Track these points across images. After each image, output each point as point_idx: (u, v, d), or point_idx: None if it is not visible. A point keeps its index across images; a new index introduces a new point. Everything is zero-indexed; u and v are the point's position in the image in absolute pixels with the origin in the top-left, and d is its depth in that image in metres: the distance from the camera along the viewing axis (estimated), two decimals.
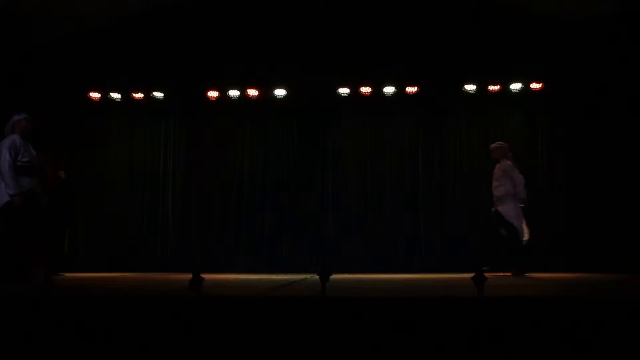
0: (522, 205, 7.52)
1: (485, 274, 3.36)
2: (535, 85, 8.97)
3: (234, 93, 9.34)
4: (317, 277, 3.44)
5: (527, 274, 7.17)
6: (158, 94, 9.46)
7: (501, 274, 7.27)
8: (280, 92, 9.28)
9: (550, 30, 8.56)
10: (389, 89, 9.11)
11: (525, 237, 7.45)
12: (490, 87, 9.04)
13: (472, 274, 3.38)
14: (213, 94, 9.38)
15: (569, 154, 9.01)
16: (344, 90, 9.17)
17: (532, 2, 8.12)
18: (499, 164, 7.62)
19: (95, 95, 9.45)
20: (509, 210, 7.42)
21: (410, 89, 9.07)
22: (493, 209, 7.62)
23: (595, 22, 7.96)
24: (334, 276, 3.68)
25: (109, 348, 3.14)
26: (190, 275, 3.32)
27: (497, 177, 7.53)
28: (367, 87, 9.12)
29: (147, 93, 9.46)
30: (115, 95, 9.49)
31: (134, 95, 9.48)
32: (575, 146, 8.95)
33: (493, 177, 7.63)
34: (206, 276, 3.55)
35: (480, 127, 9.33)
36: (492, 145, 7.75)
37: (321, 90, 9.29)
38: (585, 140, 8.81)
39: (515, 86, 9.00)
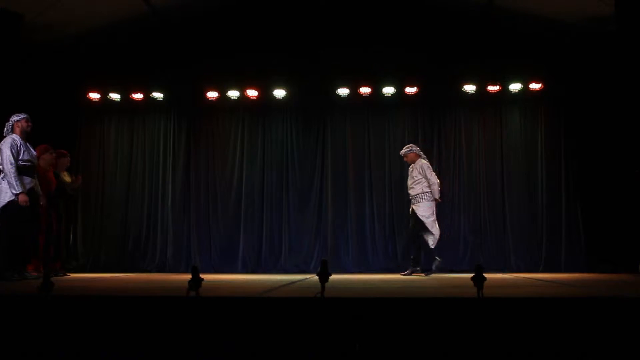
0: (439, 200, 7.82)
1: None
2: (534, 86, 8.96)
3: (233, 93, 9.33)
4: (317, 277, 3.44)
5: (435, 273, 7.47)
6: (157, 94, 9.45)
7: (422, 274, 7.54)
8: (279, 93, 9.27)
9: (550, 30, 8.56)
10: (388, 90, 9.09)
11: (436, 236, 7.69)
12: (490, 88, 9.03)
13: (471, 274, 3.37)
14: (212, 94, 9.37)
15: (569, 154, 9.00)
16: (343, 91, 9.16)
17: (531, 3, 8.12)
18: (414, 164, 7.88)
19: (94, 95, 9.44)
20: (423, 209, 7.67)
21: (410, 90, 9.06)
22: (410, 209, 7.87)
23: (594, 23, 7.96)
24: (333, 277, 3.68)
25: (108, 348, 3.14)
26: (189, 276, 3.32)
27: (413, 176, 7.82)
28: (367, 88, 9.11)
29: (147, 93, 9.45)
30: (115, 96, 9.48)
31: (133, 95, 9.47)
32: (575, 146, 8.94)
33: (409, 175, 7.92)
34: (205, 277, 3.55)
35: (480, 127, 9.32)
36: (403, 151, 8.01)
37: (321, 90, 9.28)
38: (584, 140, 8.80)
39: (515, 86, 8.99)
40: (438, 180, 7.85)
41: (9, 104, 7.10)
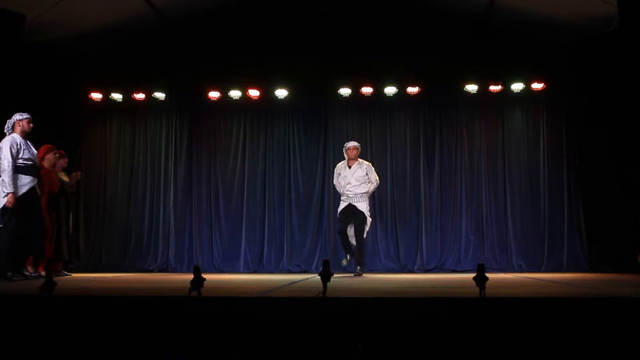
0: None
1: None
2: (536, 86, 8.95)
3: (235, 93, 9.33)
4: (319, 277, 3.44)
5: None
6: (159, 94, 9.45)
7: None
8: (281, 93, 9.27)
9: (552, 30, 8.54)
10: (390, 89, 9.09)
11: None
12: (492, 88, 9.01)
13: (473, 274, 3.37)
14: (214, 94, 9.37)
15: (571, 154, 8.99)
16: (345, 91, 9.16)
17: (533, 3, 8.10)
18: (358, 163, 7.82)
19: (96, 95, 9.45)
20: (365, 207, 7.71)
21: (412, 89, 9.06)
22: (345, 207, 7.76)
23: (597, 22, 7.95)
24: (335, 277, 3.68)
25: (109, 348, 3.14)
26: (191, 276, 3.32)
27: (360, 176, 7.74)
28: (369, 87, 9.11)
29: (148, 93, 9.46)
30: (117, 96, 9.49)
31: (135, 95, 9.47)
32: (577, 146, 8.93)
33: (353, 173, 7.76)
34: (207, 276, 3.55)
35: (482, 127, 9.31)
36: (354, 145, 7.88)
37: (323, 90, 9.28)
38: (587, 140, 8.78)
39: (517, 86, 8.98)
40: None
41: (11, 104, 7.11)
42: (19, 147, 6.20)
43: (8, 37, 7.47)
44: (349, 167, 7.82)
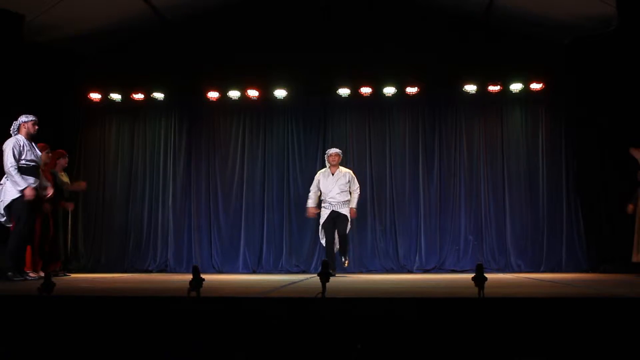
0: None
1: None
2: (535, 86, 8.95)
3: (234, 94, 9.33)
4: (318, 277, 3.45)
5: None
6: (158, 95, 9.45)
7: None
8: (280, 93, 9.27)
9: (551, 30, 8.55)
10: (389, 90, 9.09)
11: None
12: (491, 88, 9.02)
13: (472, 274, 3.38)
14: (213, 94, 9.37)
15: (569, 154, 8.99)
16: (344, 91, 9.16)
17: (532, 3, 8.11)
18: (340, 170, 7.86)
19: (95, 96, 9.44)
20: (348, 213, 7.77)
21: (411, 90, 9.06)
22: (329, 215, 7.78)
23: (595, 22, 7.95)
24: (334, 277, 3.69)
25: (108, 348, 3.14)
26: (190, 276, 3.33)
27: (343, 184, 7.77)
28: (368, 88, 9.11)
29: (147, 94, 9.45)
30: (116, 96, 9.48)
31: (134, 95, 9.47)
32: (576, 146, 8.94)
33: (336, 181, 7.78)
34: (206, 277, 3.55)
35: (481, 127, 9.31)
36: (336, 152, 7.92)
37: (322, 90, 9.27)
38: (585, 140, 8.79)
39: (516, 87, 8.99)
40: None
41: (11, 104, 7.10)
42: (21, 148, 6.22)
43: (8, 37, 7.47)
44: (332, 175, 7.85)
